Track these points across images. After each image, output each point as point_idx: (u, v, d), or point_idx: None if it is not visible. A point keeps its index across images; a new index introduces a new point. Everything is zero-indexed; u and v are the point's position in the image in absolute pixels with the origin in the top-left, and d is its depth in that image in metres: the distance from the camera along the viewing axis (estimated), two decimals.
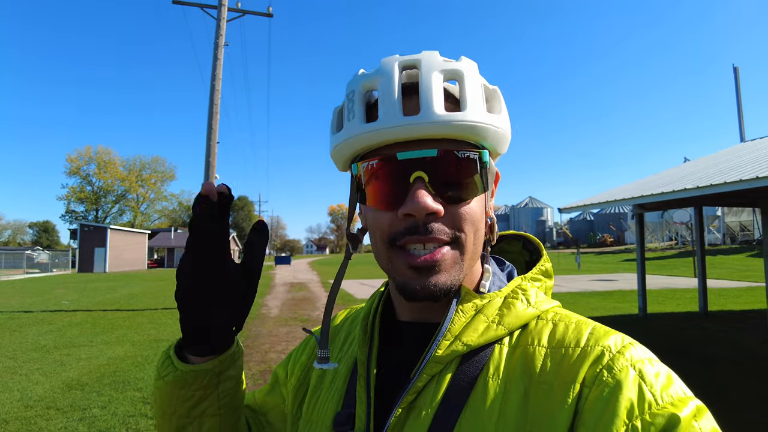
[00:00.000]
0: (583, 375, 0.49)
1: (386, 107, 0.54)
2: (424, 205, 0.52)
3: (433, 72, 0.54)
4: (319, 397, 0.68)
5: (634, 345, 0.52)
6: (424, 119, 0.52)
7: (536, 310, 0.58)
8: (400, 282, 0.56)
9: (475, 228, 0.57)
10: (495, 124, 0.56)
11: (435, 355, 0.55)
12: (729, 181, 6.77)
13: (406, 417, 0.54)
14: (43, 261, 38.17)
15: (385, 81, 0.55)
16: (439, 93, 0.53)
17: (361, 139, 0.56)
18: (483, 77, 0.59)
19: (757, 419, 4.13)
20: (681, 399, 0.46)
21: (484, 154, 0.56)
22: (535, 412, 0.50)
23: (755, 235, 35.33)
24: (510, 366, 0.54)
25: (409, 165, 0.54)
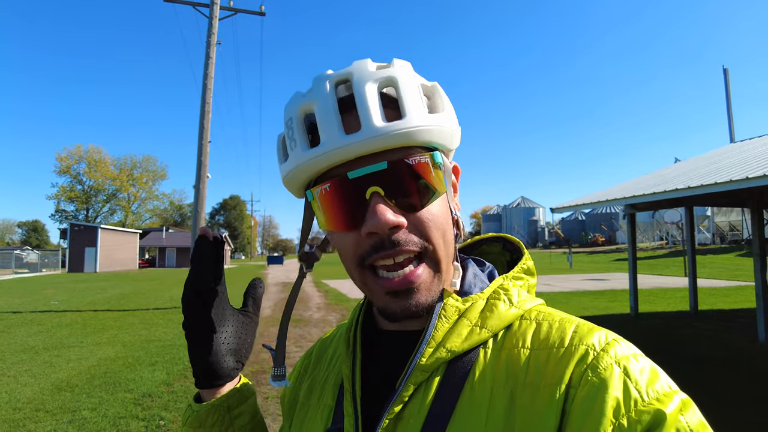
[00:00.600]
0: (569, 375, 0.49)
1: (326, 130, 0.53)
2: (385, 221, 0.51)
3: (367, 83, 0.53)
4: (307, 414, 0.67)
5: (618, 341, 0.52)
6: (365, 135, 0.51)
7: (519, 309, 0.58)
8: (380, 306, 0.56)
9: (443, 232, 0.56)
10: (439, 124, 0.55)
11: (420, 364, 0.54)
12: (719, 182, 6.84)
13: (394, 428, 0.54)
14: (32, 261, 37.76)
15: (320, 103, 0.54)
16: (375, 104, 0.53)
17: (308, 166, 0.55)
18: (420, 76, 0.59)
19: (748, 418, 4.17)
20: (666, 394, 0.46)
21: (435, 156, 0.55)
22: (522, 416, 0.49)
23: (744, 234, 35.74)
24: (495, 370, 0.54)
25: (362, 182, 0.53)
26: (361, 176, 0.53)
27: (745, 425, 3.99)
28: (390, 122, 0.52)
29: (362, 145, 0.52)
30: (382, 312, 0.56)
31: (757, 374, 5.65)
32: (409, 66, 0.58)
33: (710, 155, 11.32)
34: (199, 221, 13.22)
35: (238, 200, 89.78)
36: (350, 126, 0.53)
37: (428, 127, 0.54)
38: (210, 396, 0.65)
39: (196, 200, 13.24)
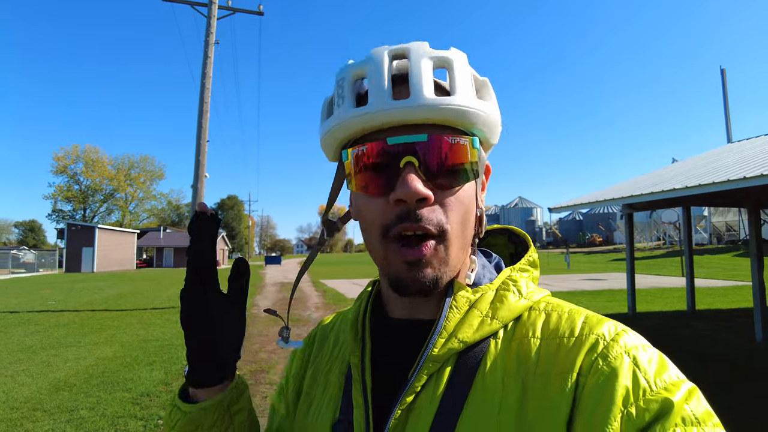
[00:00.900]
0: (580, 364, 0.50)
1: (376, 92, 0.53)
2: (415, 191, 0.51)
3: (423, 59, 0.54)
4: (312, 404, 0.66)
5: (627, 332, 0.53)
6: (413, 103, 0.52)
7: (528, 300, 0.58)
8: (394, 277, 0.55)
9: (463, 218, 0.56)
10: (485, 110, 0.56)
11: (432, 354, 0.54)
12: (717, 181, 6.86)
13: (406, 418, 0.54)
14: (29, 261, 37.60)
15: (374, 68, 0.55)
16: (429, 78, 0.53)
17: (351, 123, 0.55)
18: (473, 69, 0.59)
19: (746, 416, 4.18)
20: (674, 383, 0.47)
21: (474, 141, 0.55)
22: (534, 404, 0.50)
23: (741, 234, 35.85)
24: (507, 360, 0.54)
25: (399, 150, 0.53)
26: (399, 144, 0.53)
27: (743, 423, 4.00)
28: (439, 97, 0.53)
29: (408, 111, 0.52)
30: (395, 283, 0.56)
31: (754, 373, 5.67)
32: (465, 56, 0.58)
33: (708, 155, 11.35)
34: None
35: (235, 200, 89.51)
36: (400, 94, 0.54)
37: (474, 110, 0.54)
38: (207, 395, 0.60)
39: (194, 200, 13.23)
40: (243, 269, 0.62)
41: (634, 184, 10.18)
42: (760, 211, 8.17)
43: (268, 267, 43.74)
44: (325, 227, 0.66)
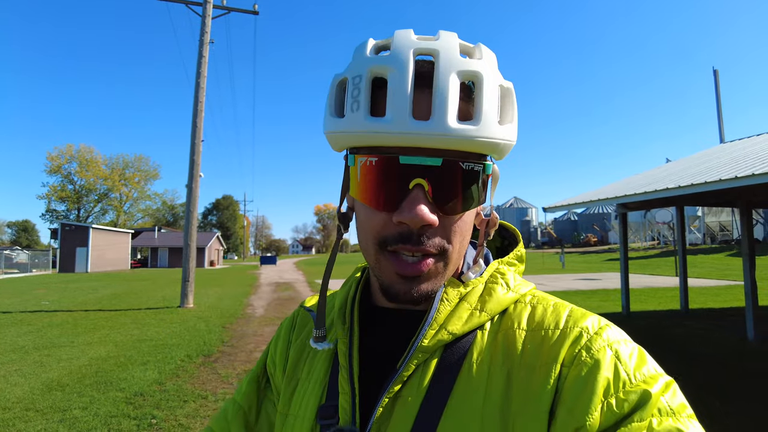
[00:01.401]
0: (563, 355, 0.52)
1: (395, 107, 0.50)
2: (422, 217, 0.51)
3: (451, 74, 0.50)
4: (296, 388, 0.66)
5: (610, 326, 0.55)
6: (434, 130, 0.49)
7: (515, 293, 0.60)
8: (386, 284, 0.56)
9: (462, 238, 0.57)
10: (506, 138, 0.53)
11: (422, 345, 0.55)
12: (709, 181, 6.91)
13: (393, 406, 0.55)
14: (22, 261, 37.36)
15: (397, 74, 0.51)
16: (455, 101, 0.50)
17: (365, 137, 0.52)
18: (499, 72, 0.56)
19: (737, 413, 4.21)
20: (652, 376, 0.49)
21: (488, 167, 0.54)
22: (518, 394, 0.51)
23: (734, 234, 36.10)
24: (492, 350, 0.55)
25: (411, 170, 0.51)
26: (412, 164, 0.51)
27: (735, 420, 4.03)
28: (462, 123, 0.50)
29: (427, 139, 0.50)
30: (385, 291, 0.56)
31: (746, 371, 5.72)
32: (494, 60, 0.56)
33: (700, 155, 11.43)
34: (192, 221, 13.16)
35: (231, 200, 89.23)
36: (420, 106, 0.51)
37: (496, 140, 0.52)
38: None
39: (189, 200, 13.18)
40: None
41: (628, 184, 10.24)
42: (751, 211, 8.23)
43: (263, 267, 43.65)
44: (341, 222, 0.63)
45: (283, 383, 0.68)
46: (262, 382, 0.73)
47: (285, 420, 0.64)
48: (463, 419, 0.52)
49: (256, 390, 0.73)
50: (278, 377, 0.71)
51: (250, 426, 0.70)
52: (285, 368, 0.70)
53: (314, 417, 0.60)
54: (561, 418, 0.48)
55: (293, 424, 0.62)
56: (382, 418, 0.54)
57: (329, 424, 0.58)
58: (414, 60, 0.52)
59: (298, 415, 0.62)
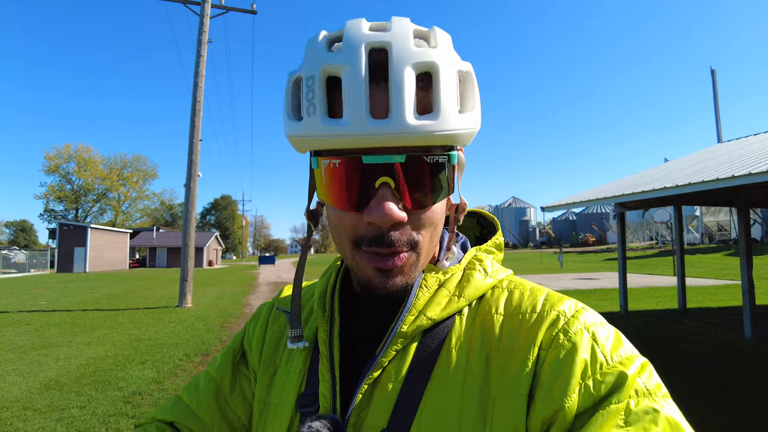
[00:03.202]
0: (541, 338, 0.52)
1: (352, 108, 0.48)
2: (390, 216, 0.50)
3: (406, 68, 0.49)
4: (275, 376, 0.66)
5: (586, 309, 0.55)
6: (393, 129, 0.48)
7: (493, 279, 0.61)
8: (363, 279, 0.56)
9: (434, 228, 0.57)
10: (468, 127, 0.52)
11: (401, 331, 0.56)
12: (706, 180, 6.93)
13: (372, 392, 0.55)
14: (20, 261, 37.24)
15: (351, 72, 0.49)
16: (411, 96, 0.48)
17: (324, 141, 0.50)
18: (456, 54, 0.54)
19: (734, 411, 4.23)
20: (628, 357, 0.50)
21: (453, 157, 0.53)
22: (497, 378, 0.52)
23: (732, 234, 36.18)
24: (471, 335, 0.56)
25: (375, 169, 0.51)
26: (375, 164, 0.51)
27: (732, 418, 4.04)
28: (421, 119, 0.49)
29: (387, 138, 0.49)
30: (363, 285, 0.57)
31: (743, 369, 5.74)
32: (449, 42, 0.54)
33: (698, 155, 11.45)
34: (190, 221, 13.15)
35: (229, 200, 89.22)
36: (377, 103, 0.49)
37: (457, 132, 0.51)
38: None
39: (187, 199, 13.17)
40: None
41: (626, 183, 10.25)
42: (749, 210, 8.25)
43: (261, 267, 43.64)
44: (311, 221, 0.64)
45: (260, 368, 0.68)
46: (237, 357, 0.73)
47: (265, 408, 0.64)
48: (442, 404, 0.52)
49: (231, 363, 0.73)
50: (254, 358, 0.71)
51: (223, 397, 0.69)
52: (262, 352, 0.70)
53: (294, 405, 0.61)
54: (540, 400, 0.49)
55: (274, 413, 0.62)
56: (362, 404, 0.55)
57: (309, 411, 0.58)
58: (367, 55, 0.50)
59: (279, 403, 0.63)
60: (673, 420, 0.45)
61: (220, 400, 0.69)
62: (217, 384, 0.70)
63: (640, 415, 0.45)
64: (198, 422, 0.68)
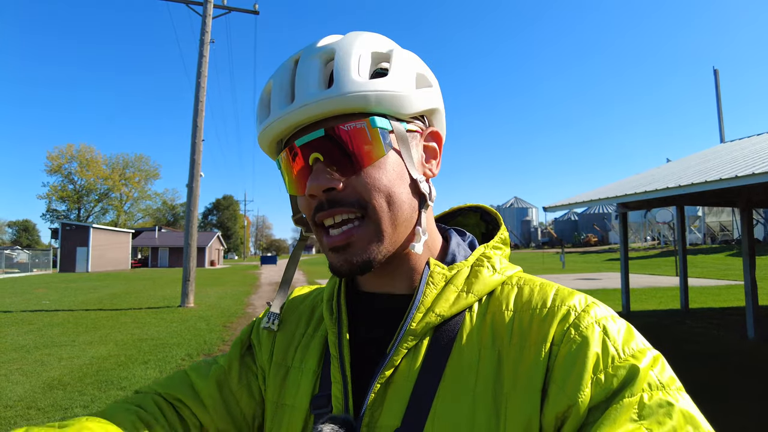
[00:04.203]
0: (552, 333, 0.52)
1: (275, 102, 0.58)
2: (318, 183, 0.55)
3: (309, 58, 0.57)
4: (287, 377, 0.66)
5: (597, 304, 0.55)
6: (296, 105, 0.55)
7: (502, 275, 0.61)
8: (329, 262, 0.60)
9: (387, 194, 0.56)
10: (378, 89, 0.55)
11: (410, 329, 0.56)
12: (709, 180, 6.91)
13: (385, 392, 0.55)
14: (22, 261, 37.35)
15: (275, 80, 0.59)
16: (313, 76, 0.56)
17: (262, 136, 0.60)
18: (383, 44, 0.60)
19: (738, 412, 4.22)
20: (640, 350, 0.50)
21: (373, 120, 0.56)
22: (510, 374, 0.52)
23: (734, 234, 36.09)
24: (482, 332, 0.56)
25: (306, 149, 0.57)
26: (305, 143, 0.57)
27: (734, 419, 4.04)
28: (323, 91, 0.55)
29: (295, 113, 0.56)
30: (330, 267, 0.60)
31: (747, 369, 5.73)
32: (365, 36, 0.60)
33: (701, 155, 11.43)
34: (192, 221, 13.17)
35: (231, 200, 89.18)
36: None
37: (360, 92, 0.55)
38: None
39: (189, 199, 13.19)
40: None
41: (628, 184, 10.24)
42: (752, 210, 8.23)
43: (263, 267, 43.70)
44: (302, 226, 0.70)
45: (272, 368, 0.68)
46: (244, 348, 0.73)
47: (279, 409, 0.64)
48: (455, 402, 0.52)
49: (239, 355, 0.72)
50: (263, 356, 0.70)
51: (229, 388, 0.68)
52: (272, 351, 0.70)
53: (308, 407, 0.61)
54: (553, 395, 0.49)
55: (288, 415, 0.63)
56: (375, 404, 0.55)
57: (323, 413, 0.58)
58: (292, 65, 0.59)
59: (293, 405, 0.63)
60: (688, 413, 0.45)
61: (224, 390, 0.68)
62: (225, 372, 0.70)
63: (654, 409, 0.45)
64: (200, 406, 0.66)
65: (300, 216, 0.69)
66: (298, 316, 0.73)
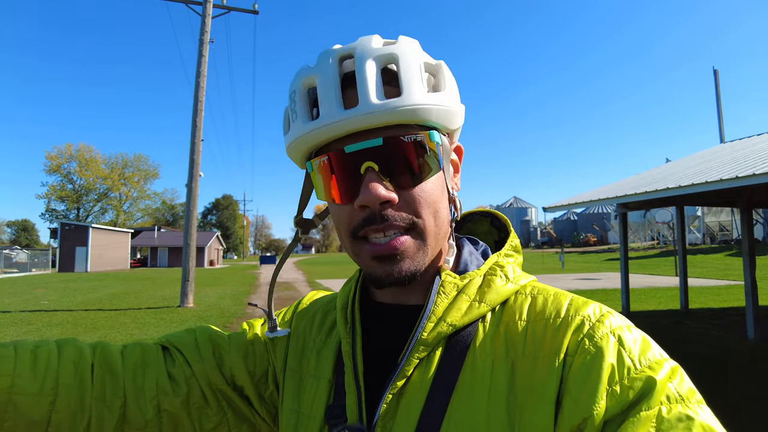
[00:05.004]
0: (567, 344, 0.51)
1: (325, 104, 0.54)
2: (376, 195, 0.52)
3: (367, 60, 0.54)
4: (302, 383, 0.66)
5: (612, 313, 0.54)
6: (361, 110, 0.52)
7: (515, 285, 0.60)
8: (367, 272, 0.57)
9: (434, 209, 0.57)
10: (438, 103, 0.55)
11: (421, 338, 0.55)
12: (709, 181, 6.91)
13: (398, 403, 0.54)
14: (21, 261, 37.30)
15: (322, 77, 0.55)
16: (373, 81, 0.53)
17: (307, 138, 0.56)
18: (426, 54, 0.59)
19: (736, 414, 4.21)
20: (657, 362, 0.49)
21: (432, 135, 0.55)
22: (523, 385, 0.51)
23: (734, 234, 36.12)
24: (495, 342, 0.55)
25: (358, 156, 0.54)
26: (357, 151, 0.54)
27: (735, 419, 4.03)
28: (387, 99, 0.53)
29: (357, 120, 0.53)
30: (369, 278, 0.57)
31: (747, 370, 5.73)
32: (416, 44, 0.57)
33: (701, 155, 11.43)
34: (192, 221, 13.16)
35: (230, 200, 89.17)
36: (350, 101, 0.54)
37: (426, 105, 0.54)
38: None
39: (189, 199, 13.17)
40: None
41: (628, 184, 10.23)
42: (752, 210, 8.23)
43: (263, 267, 43.67)
44: (299, 226, 0.70)
45: (286, 375, 0.69)
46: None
47: (297, 418, 0.65)
48: (468, 413, 0.51)
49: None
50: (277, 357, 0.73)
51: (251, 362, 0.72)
52: (286, 355, 0.72)
53: (323, 416, 0.61)
54: (567, 407, 0.48)
55: (305, 424, 0.63)
56: (387, 414, 0.54)
57: (337, 423, 0.58)
58: (337, 62, 0.55)
59: (310, 414, 0.63)
60: (709, 427, 0.44)
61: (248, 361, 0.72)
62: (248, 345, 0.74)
63: (673, 423, 0.44)
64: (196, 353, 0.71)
65: (301, 218, 0.68)
66: (310, 320, 0.73)
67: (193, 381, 0.68)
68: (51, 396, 0.59)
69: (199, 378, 0.68)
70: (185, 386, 0.67)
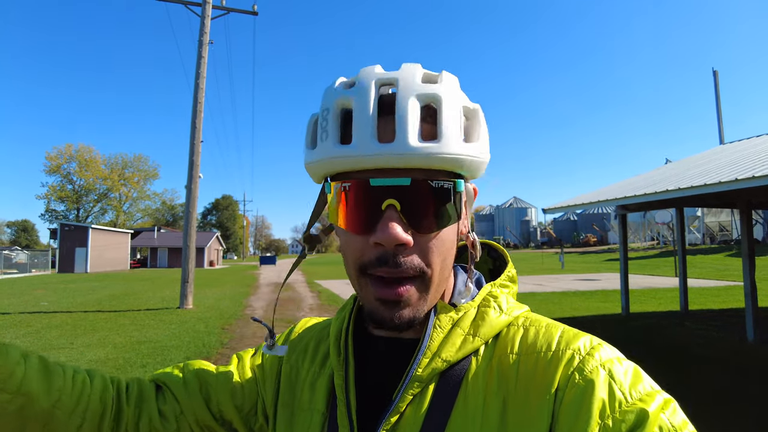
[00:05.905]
0: (558, 378, 0.51)
1: (360, 132, 0.52)
2: (394, 236, 0.51)
3: (410, 97, 0.52)
4: (294, 416, 0.66)
5: (602, 346, 0.54)
6: (397, 150, 0.51)
7: (508, 316, 0.59)
8: (368, 310, 0.57)
9: (444, 258, 0.56)
10: (472, 155, 0.54)
11: (416, 375, 0.55)
12: (709, 183, 6.91)
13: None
14: (21, 261, 37.29)
15: (360, 101, 0.53)
16: (415, 122, 0.52)
17: (335, 162, 0.54)
18: (464, 93, 0.58)
19: (736, 415, 4.21)
20: (649, 394, 0.48)
21: (459, 184, 0.55)
22: (515, 422, 0.51)
23: (734, 235, 36.11)
24: (487, 377, 0.55)
25: (382, 192, 0.53)
26: (382, 186, 0.53)
27: (734, 421, 4.03)
28: (424, 142, 0.52)
29: (391, 158, 0.52)
30: (369, 315, 0.57)
31: (746, 371, 5.72)
32: (456, 83, 0.57)
33: (700, 157, 11.43)
34: (191, 222, 13.16)
35: (230, 200, 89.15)
36: (385, 132, 0.53)
37: (460, 156, 0.53)
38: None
39: (188, 201, 13.17)
40: None
41: (628, 185, 10.23)
42: (751, 211, 8.23)
43: (262, 267, 43.65)
44: (306, 243, 0.68)
45: (278, 408, 0.69)
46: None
47: None
48: None
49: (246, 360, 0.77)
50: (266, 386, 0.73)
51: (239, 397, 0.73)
52: (277, 390, 0.71)
53: None
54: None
55: None
56: None
57: None
58: (376, 89, 0.54)
59: None
60: None
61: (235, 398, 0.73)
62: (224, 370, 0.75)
63: None
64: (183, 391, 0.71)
65: (310, 234, 0.67)
66: (303, 349, 0.72)
67: (182, 418, 0.69)
68: (80, 420, 0.63)
69: (187, 415, 0.69)
70: (174, 423, 0.69)
